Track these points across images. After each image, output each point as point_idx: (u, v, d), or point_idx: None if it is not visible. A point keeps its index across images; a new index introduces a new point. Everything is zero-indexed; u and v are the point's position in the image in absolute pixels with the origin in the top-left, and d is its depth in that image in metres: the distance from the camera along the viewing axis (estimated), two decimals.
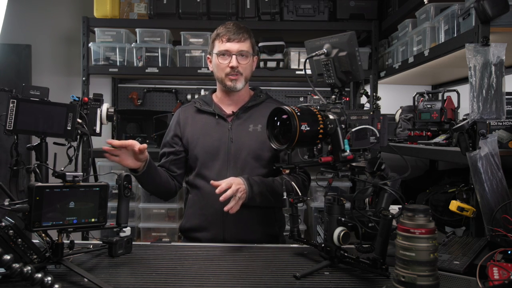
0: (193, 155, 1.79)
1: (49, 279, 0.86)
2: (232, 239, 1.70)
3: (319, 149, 1.25)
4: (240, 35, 1.74)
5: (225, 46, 1.74)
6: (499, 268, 1.07)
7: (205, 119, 1.81)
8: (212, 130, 1.78)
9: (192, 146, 1.79)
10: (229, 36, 1.73)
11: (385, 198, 1.22)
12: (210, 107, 1.82)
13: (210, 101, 1.85)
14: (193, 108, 1.85)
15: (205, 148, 1.76)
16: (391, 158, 1.48)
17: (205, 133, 1.78)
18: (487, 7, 1.55)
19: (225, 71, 1.75)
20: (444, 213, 1.93)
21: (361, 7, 3.02)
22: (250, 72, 1.82)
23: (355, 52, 1.22)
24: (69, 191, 1.14)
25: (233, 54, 1.73)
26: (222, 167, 1.74)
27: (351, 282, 1.18)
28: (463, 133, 1.55)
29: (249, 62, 1.78)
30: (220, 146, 1.75)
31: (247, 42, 1.77)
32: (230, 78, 1.75)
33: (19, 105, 1.28)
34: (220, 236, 1.72)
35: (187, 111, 1.87)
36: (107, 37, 3.04)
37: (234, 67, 1.73)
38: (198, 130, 1.80)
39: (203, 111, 1.82)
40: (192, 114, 1.84)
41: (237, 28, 1.75)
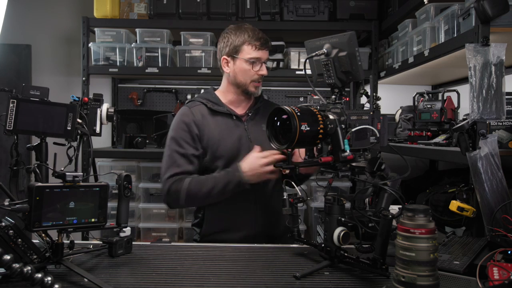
0: (215, 156, 1.74)
1: (49, 279, 0.86)
2: (263, 235, 1.72)
3: (319, 149, 1.25)
4: (268, 42, 1.77)
5: (258, 54, 1.74)
6: (499, 268, 1.07)
7: (221, 120, 1.77)
8: (231, 130, 1.76)
9: (214, 147, 1.73)
10: (261, 43, 1.75)
11: (385, 198, 1.22)
12: (222, 107, 1.80)
13: (218, 101, 1.81)
14: (204, 108, 1.79)
15: (228, 149, 1.74)
16: (391, 158, 1.48)
17: (225, 133, 1.75)
18: (487, 7, 1.55)
19: (252, 77, 1.76)
20: (444, 213, 1.93)
21: (361, 7, 3.03)
22: None
23: (355, 52, 1.23)
24: (69, 191, 1.14)
25: (263, 61, 1.76)
26: None
27: (351, 282, 1.18)
28: (463, 133, 1.55)
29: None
30: (240, 146, 1.74)
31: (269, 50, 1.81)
32: (255, 85, 1.77)
33: (19, 105, 1.28)
34: (252, 234, 1.74)
35: (199, 111, 1.78)
36: (107, 37, 3.04)
37: (264, 75, 1.77)
38: (217, 131, 1.75)
39: (216, 111, 1.78)
40: (206, 115, 1.78)
41: (263, 35, 1.78)
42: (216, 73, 3.04)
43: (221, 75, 2.63)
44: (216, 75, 3.15)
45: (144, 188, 2.97)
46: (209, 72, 2.98)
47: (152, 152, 2.87)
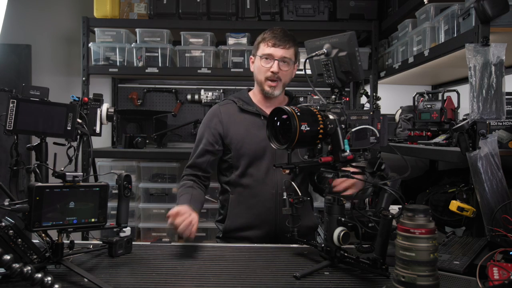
0: (239, 154, 1.79)
1: (49, 279, 0.86)
2: (284, 234, 1.72)
3: (319, 149, 1.25)
4: (285, 42, 1.77)
5: (269, 50, 1.76)
6: (499, 268, 1.07)
7: (249, 119, 1.82)
8: (258, 130, 1.79)
9: (239, 145, 1.79)
10: (274, 41, 1.76)
11: (385, 198, 1.22)
12: (252, 107, 1.84)
13: (249, 100, 1.86)
14: (234, 106, 1.85)
15: (253, 148, 1.78)
16: (391, 158, 1.48)
17: (251, 132, 1.79)
18: (487, 7, 1.55)
19: (265, 74, 1.78)
20: (444, 213, 1.93)
21: (361, 7, 3.03)
22: (289, 79, 1.84)
23: (355, 52, 1.22)
24: (69, 191, 1.14)
25: (276, 59, 1.76)
26: (270, 166, 1.78)
27: (351, 282, 1.18)
28: (463, 133, 1.55)
29: (290, 69, 1.81)
30: (266, 146, 1.77)
31: (291, 49, 1.79)
32: (270, 85, 1.78)
33: (19, 105, 1.28)
34: (272, 232, 1.77)
35: (228, 109, 1.86)
36: (107, 37, 3.04)
37: (275, 72, 1.76)
38: (243, 129, 1.80)
39: (245, 110, 1.83)
40: (235, 113, 1.84)
41: (283, 34, 1.78)
42: (215, 73, 3.05)
43: (221, 75, 2.64)
44: (216, 75, 3.18)
45: (144, 188, 2.97)
46: (209, 72, 2.98)
47: (152, 152, 2.87)
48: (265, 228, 1.77)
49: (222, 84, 3.43)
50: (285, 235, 1.71)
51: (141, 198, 3.01)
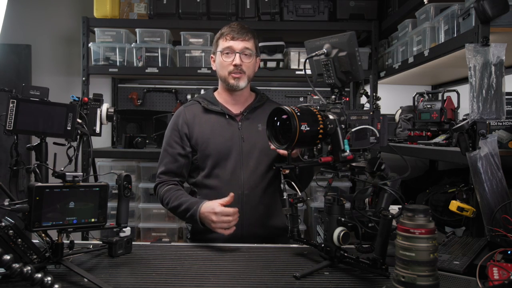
0: (204, 155, 1.76)
1: (49, 279, 0.86)
2: (250, 236, 1.70)
3: (319, 149, 1.25)
4: (244, 34, 1.75)
5: (228, 44, 1.74)
6: (499, 268, 1.07)
7: (214, 119, 1.79)
8: (223, 129, 1.77)
9: (203, 146, 1.76)
10: (233, 35, 1.75)
11: (385, 198, 1.22)
12: (217, 106, 1.80)
13: (214, 100, 1.83)
14: (199, 107, 1.82)
15: (218, 148, 1.74)
16: (391, 158, 1.48)
17: (216, 132, 1.76)
18: (487, 7, 1.55)
19: (228, 69, 1.75)
20: (444, 213, 1.93)
21: (361, 7, 3.03)
22: (252, 72, 1.82)
23: (355, 52, 1.22)
24: (69, 191, 1.14)
25: (237, 52, 1.74)
26: (236, 166, 1.73)
27: (351, 282, 1.18)
28: (463, 133, 1.55)
29: (252, 61, 1.78)
30: (232, 146, 1.75)
31: (251, 41, 1.77)
32: (233, 76, 1.75)
33: (19, 105, 1.28)
34: (238, 234, 1.70)
35: (192, 110, 1.82)
36: (107, 37, 3.04)
37: (237, 65, 1.73)
38: (208, 129, 1.77)
39: (210, 110, 1.80)
40: (199, 114, 1.81)
41: (241, 27, 1.77)
42: (215, 73, 3.05)
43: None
44: (216, 75, 3.17)
45: (144, 188, 2.97)
46: (209, 72, 2.98)
47: (152, 152, 2.87)
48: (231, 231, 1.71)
49: None
50: (251, 237, 1.70)
51: (141, 198, 3.01)
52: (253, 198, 1.73)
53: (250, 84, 1.86)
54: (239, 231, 1.71)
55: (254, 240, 1.67)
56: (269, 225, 1.77)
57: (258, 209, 1.74)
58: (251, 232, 1.73)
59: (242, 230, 1.72)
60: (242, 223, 1.71)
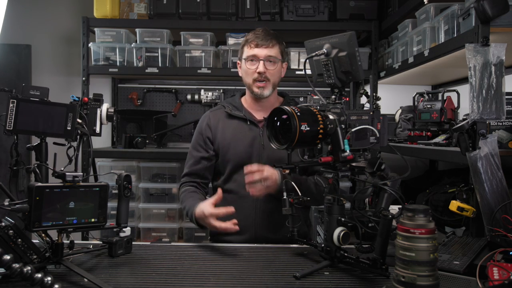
0: (225, 159, 1.79)
1: (49, 279, 0.86)
2: (263, 240, 1.71)
3: (319, 149, 1.25)
4: (268, 41, 1.75)
5: (253, 51, 1.75)
6: (499, 268, 1.07)
7: (236, 124, 1.80)
8: (244, 135, 1.78)
9: (224, 150, 1.78)
10: (257, 41, 1.75)
11: (385, 198, 1.22)
12: (241, 112, 1.82)
13: (239, 105, 1.84)
14: (223, 112, 1.84)
15: (238, 153, 1.76)
16: (391, 158, 1.48)
17: (237, 138, 1.78)
18: (487, 7, 1.55)
19: (252, 76, 1.76)
20: (444, 213, 1.93)
21: (361, 7, 3.03)
22: (278, 78, 1.82)
23: (355, 52, 1.22)
24: (69, 191, 1.14)
25: (261, 59, 1.74)
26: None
27: (351, 282, 1.18)
28: (463, 133, 1.55)
29: (277, 68, 1.78)
30: (252, 152, 1.76)
31: (275, 48, 1.77)
32: (258, 85, 1.76)
33: (19, 105, 1.28)
34: (252, 238, 1.74)
35: (217, 115, 1.85)
36: (107, 37, 3.04)
37: (261, 73, 1.74)
38: (229, 134, 1.79)
39: (233, 116, 1.81)
40: (223, 119, 1.83)
41: (265, 34, 1.77)
42: (215, 73, 3.05)
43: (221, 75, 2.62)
44: (216, 75, 3.18)
45: (144, 188, 2.97)
46: (209, 72, 2.98)
47: (152, 152, 2.87)
48: (245, 235, 1.73)
49: (222, 84, 3.43)
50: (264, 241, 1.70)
51: (141, 198, 3.01)
52: (267, 204, 1.74)
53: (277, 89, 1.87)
54: (253, 236, 1.75)
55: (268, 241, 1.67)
56: (282, 231, 1.76)
57: (273, 216, 1.74)
58: (265, 236, 1.74)
59: (256, 236, 1.74)
60: (256, 228, 1.75)
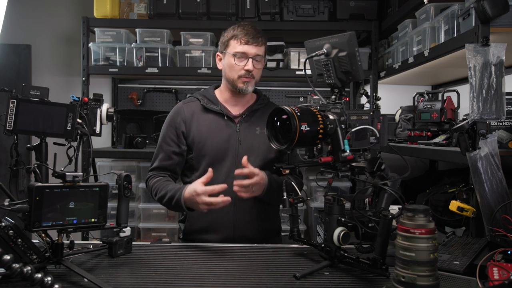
0: (200, 154, 1.73)
1: (49, 279, 0.86)
2: (242, 238, 1.69)
3: (319, 149, 1.25)
4: (258, 39, 1.73)
5: (243, 48, 1.71)
6: (499, 268, 1.07)
7: (212, 118, 1.75)
8: (220, 130, 1.73)
9: (200, 145, 1.73)
10: (248, 38, 1.71)
11: (385, 198, 1.22)
12: (216, 106, 1.77)
13: (214, 99, 1.79)
14: (198, 105, 1.78)
15: (214, 149, 1.72)
16: (391, 158, 1.48)
17: (213, 133, 1.73)
18: (487, 7, 1.55)
19: (238, 72, 1.72)
20: (444, 213, 1.93)
21: (361, 7, 3.02)
22: (260, 76, 1.80)
23: (355, 52, 1.23)
24: (69, 191, 1.14)
25: (250, 57, 1.71)
26: (231, 169, 1.69)
27: (351, 282, 1.18)
28: (463, 133, 1.55)
29: (261, 65, 1.77)
30: (228, 148, 1.72)
31: (263, 46, 1.75)
32: (244, 81, 1.72)
33: (19, 105, 1.28)
34: (230, 236, 1.71)
35: (191, 107, 1.79)
36: (107, 37, 3.04)
37: (249, 71, 1.71)
38: (205, 129, 1.74)
39: (209, 109, 1.76)
40: (198, 112, 1.77)
41: (255, 31, 1.74)
42: (216, 73, 3.02)
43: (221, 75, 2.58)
44: (216, 75, 3.15)
45: (144, 188, 2.97)
46: (209, 72, 2.98)
47: (152, 152, 2.85)
48: (223, 233, 1.71)
49: None
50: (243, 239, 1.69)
51: (141, 198, 3.01)
52: (246, 201, 1.68)
53: None
54: (231, 233, 1.72)
55: (246, 242, 1.65)
56: (261, 228, 1.77)
57: (251, 213, 1.72)
58: (243, 234, 1.72)
59: (234, 233, 1.72)
60: (235, 225, 1.72)
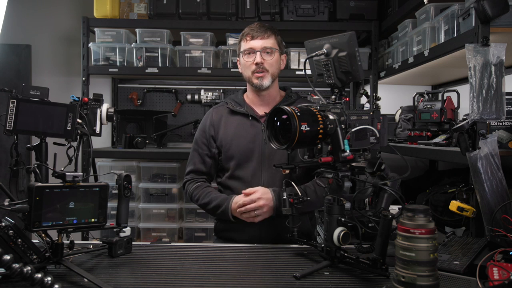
0: (228, 156, 1.79)
1: (49, 279, 0.86)
2: (268, 239, 1.70)
3: (319, 149, 1.25)
4: (263, 32, 1.76)
5: (249, 44, 1.75)
6: (499, 268, 1.07)
7: (238, 120, 1.81)
8: (246, 131, 1.78)
9: (227, 147, 1.79)
10: (252, 34, 1.75)
11: (385, 198, 1.22)
12: (243, 107, 1.82)
13: (242, 101, 1.85)
14: (225, 109, 1.85)
15: (240, 149, 1.76)
16: (391, 158, 1.48)
17: (239, 134, 1.78)
18: (487, 7, 1.55)
19: (251, 68, 1.76)
20: (444, 213, 1.93)
21: (361, 7, 3.03)
22: (277, 70, 1.81)
23: (355, 52, 1.22)
24: (69, 191, 1.14)
25: (257, 51, 1.74)
26: (257, 168, 1.74)
27: (351, 282, 1.18)
28: (463, 133, 1.55)
29: (274, 58, 1.77)
30: (254, 148, 1.75)
31: (271, 38, 1.77)
32: (257, 76, 1.75)
33: (19, 105, 1.28)
34: (256, 237, 1.72)
35: (220, 112, 1.86)
36: (107, 37, 3.04)
37: (258, 63, 1.73)
38: (232, 131, 1.79)
39: (235, 112, 1.82)
40: (225, 115, 1.84)
41: (260, 26, 1.78)
42: (215, 73, 3.05)
43: (221, 75, 2.61)
44: (216, 75, 3.18)
45: (144, 188, 2.97)
46: (209, 72, 2.98)
47: (152, 152, 2.87)
48: (249, 232, 1.73)
49: (222, 84, 3.43)
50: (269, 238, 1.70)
51: (141, 198, 3.01)
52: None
53: (278, 82, 1.87)
54: (257, 233, 1.74)
55: (272, 242, 1.66)
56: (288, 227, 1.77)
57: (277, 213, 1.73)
58: (269, 235, 1.73)
59: (261, 233, 1.74)
60: (260, 226, 1.73)
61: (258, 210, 1.60)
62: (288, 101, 1.84)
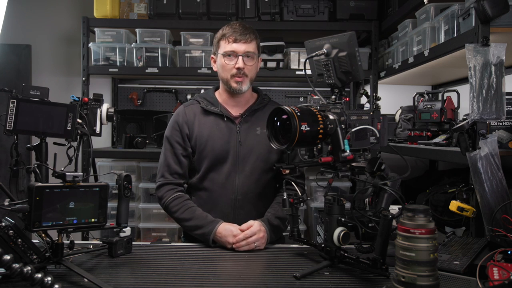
0: (201, 157, 1.72)
1: (49, 279, 0.86)
2: None
3: (319, 149, 1.25)
4: (247, 36, 1.70)
5: (231, 47, 1.69)
6: (499, 268, 1.07)
7: (212, 120, 1.74)
8: (221, 132, 1.72)
9: (201, 147, 1.72)
10: (235, 36, 1.69)
11: (385, 198, 1.23)
12: (216, 107, 1.76)
13: (215, 100, 1.78)
14: (198, 107, 1.77)
15: (215, 151, 1.70)
16: (391, 158, 1.48)
17: (214, 134, 1.72)
18: (487, 7, 1.55)
19: (231, 72, 1.70)
20: (444, 213, 1.93)
21: (361, 7, 3.02)
22: (255, 74, 1.78)
23: (355, 52, 1.23)
24: (69, 191, 1.14)
25: (240, 55, 1.69)
26: (231, 170, 1.70)
27: (351, 282, 1.18)
28: (463, 133, 1.55)
29: (254, 63, 1.74)
30: (229, 149, 1.71)
31: (253, 43, 1.73)
32: (236, 80, 1.70)
33: (19, 105, 1.28)
34: None
35: (192, 110, 1.78)
36: (107, 37, 3.04)
37: (240, 68, 1.69)
38: (206, 130, 1.73)
39: (209, 111, 1.75)
40: (199, 114, 1.76)
41: (243, 28, 1.72)
42: (216, 73, 3.04)
43: None
44: (216, 75, 3.16)
45: (144, 188, 2.97)
46: (209, 72, 2.98)
47: (152, 152, 2.87)
48: None
49: None
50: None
51: (141, 198, 3.01)
52: (246, 203, 1.70)
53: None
54: None
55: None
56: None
57: (251, 214, 1.68)
58: None
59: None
60: None
61: (258, 242, 1.53)
62: (262, 103, 1.80)
